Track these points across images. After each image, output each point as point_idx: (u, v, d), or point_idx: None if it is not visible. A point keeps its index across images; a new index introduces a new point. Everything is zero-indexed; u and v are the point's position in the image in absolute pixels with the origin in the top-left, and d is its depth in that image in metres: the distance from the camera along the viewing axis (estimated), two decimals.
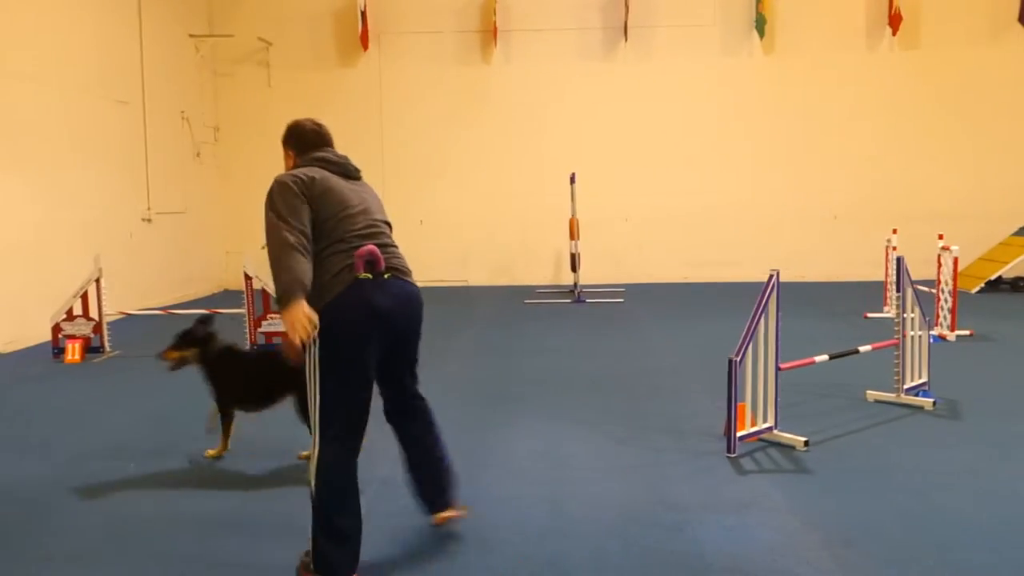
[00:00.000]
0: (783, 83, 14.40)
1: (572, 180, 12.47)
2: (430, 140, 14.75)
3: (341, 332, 3.46)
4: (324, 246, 3.53)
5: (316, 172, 3.65)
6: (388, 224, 3.88)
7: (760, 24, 14.04)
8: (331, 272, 3.50)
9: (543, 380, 7.26)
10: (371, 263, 3.53)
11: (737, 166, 14.50)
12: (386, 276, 3.63)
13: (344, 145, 3.60)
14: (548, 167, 14.24)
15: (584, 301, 12.33)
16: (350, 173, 3.84)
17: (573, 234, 12.55)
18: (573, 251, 12.64)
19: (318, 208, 3.54)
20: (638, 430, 5.69)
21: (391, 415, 4.01)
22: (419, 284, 3.97)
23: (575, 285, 12.73)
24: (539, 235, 14.61)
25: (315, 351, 3.46)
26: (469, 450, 5.31)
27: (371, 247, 3.55)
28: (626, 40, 14.38)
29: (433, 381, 7.23)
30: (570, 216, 12.58)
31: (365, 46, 14.43)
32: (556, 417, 6.06)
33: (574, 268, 12.71)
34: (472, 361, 8.28)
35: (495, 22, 14.26)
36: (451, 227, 14.82)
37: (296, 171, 3.66)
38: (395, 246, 3.84)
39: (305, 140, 3.93)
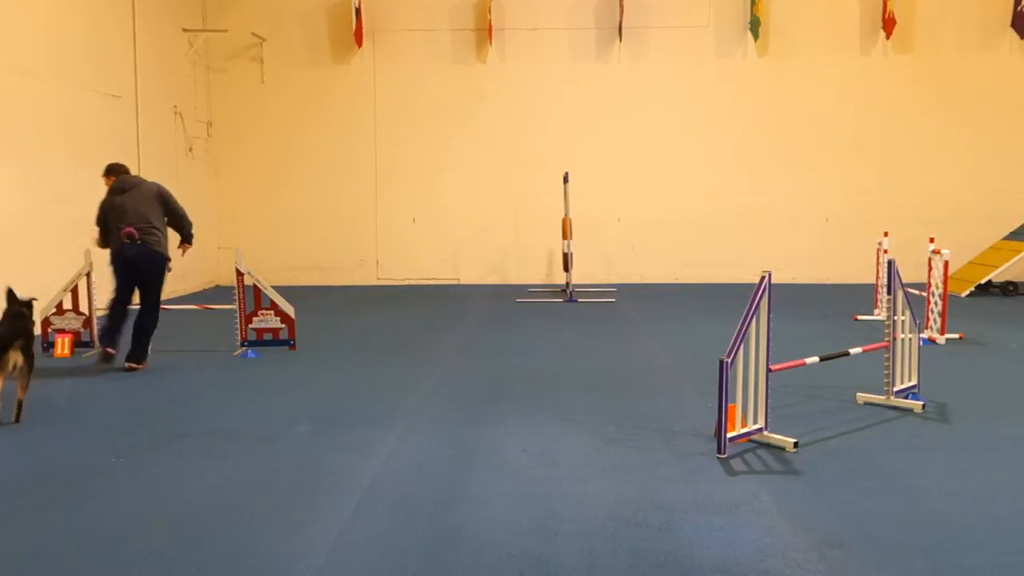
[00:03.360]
0: (777, 85, 14.43)
1: (565, 180, 12.48)
2: (423, 138, 14.74)
3: (114, 266, 7.81)
4: (112, 228, 7.71)
5: (108, 199, 7.82)
6: (153, 214, 7.81)
7: (755, 26, 14.07)
8: (113, 239, 7.70)
9: (534, 379, 7.26)
10: (130, 236, 7.59)
11: (730, 168, 14.54)
12: (138, 242, 7.62)
13: (336, 142, 3.63)
14: (541, 166, 14.25)
15: (576, 301, 12.33)
16: (125, 189, 7.81)
17: (566, 233, 12.56)
18: (566, 251, 12.65)
19: (108, 215, 7.79)
20: (629, 430, 5.70)
21: (124, 303, 7.94)
22: (410, 282, 4.15)
23: (567, 284, 12.73)
24: (532, 234, 14.62)
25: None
26: (459, 448, 5.31)
27: (129, 229, 7.60)
28: (620, 40, 14.39)
29: (424, 379, 7.26)
30: (563, 215, 12.59)
31: (359, 43, 14.41)
32: (547, 416, 6.06)
33: (566, 268, 12.71)
34: (463, 359, 8.27)
35: (490, 21, 14.26)
36: (443, 225, 14.82)
37: (104, 199, 7.89)
38: (152, 228, 7.77)
39: (113, 171, 8.02)
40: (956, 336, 8.93)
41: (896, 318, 6.15)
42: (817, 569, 3.61)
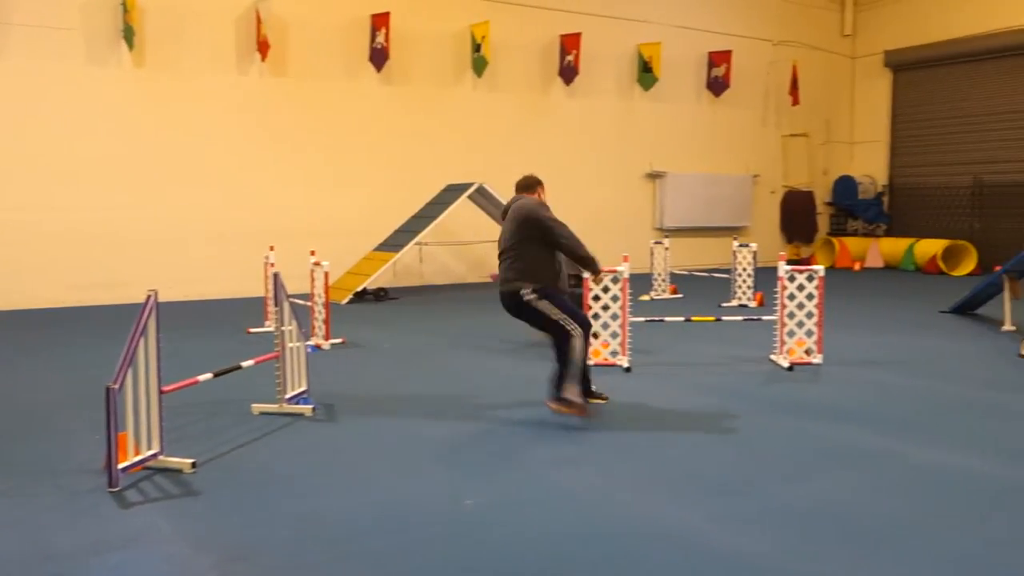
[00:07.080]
0: (157, 99, 14.00)
1: None
2: None
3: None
4: None
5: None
6: (511, 245, 6.29)
7: (128, 35, 13.48)
8: None
9: None
10: (493, 278, 7.86)
11: (116, 181, 13.67)
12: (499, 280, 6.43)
13: None
14: None
15: None
16: (506, 212, 6.52)
17: None
18: None
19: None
20: (9, 478, 5.04)
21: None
22: None
23: None
24: None
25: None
26: None
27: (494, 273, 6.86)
28: None
29: None
30: None
31: None
32: None
33: None
34: None
35: None
36: None
37: None
38: (510, 260, 6.30)
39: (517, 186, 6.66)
40: (339, 341, 9.71)
41: (284, 328, 6.48)
42: None
